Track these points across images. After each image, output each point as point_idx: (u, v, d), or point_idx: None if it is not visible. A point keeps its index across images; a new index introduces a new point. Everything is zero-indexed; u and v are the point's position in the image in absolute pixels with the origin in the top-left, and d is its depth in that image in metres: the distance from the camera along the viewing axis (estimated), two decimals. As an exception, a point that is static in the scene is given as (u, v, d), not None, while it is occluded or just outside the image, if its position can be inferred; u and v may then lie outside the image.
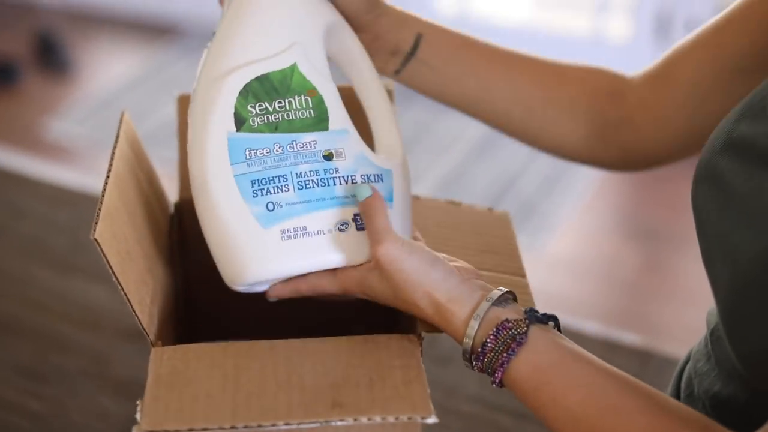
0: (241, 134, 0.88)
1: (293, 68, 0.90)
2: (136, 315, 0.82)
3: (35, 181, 1.80)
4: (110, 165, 0.88)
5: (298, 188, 0.87)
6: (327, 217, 0.87)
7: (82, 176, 1.86)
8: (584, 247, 2.76)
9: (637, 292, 2.62)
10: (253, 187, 0.87)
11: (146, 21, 3.79)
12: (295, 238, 0.86)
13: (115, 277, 0.80)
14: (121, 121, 0.94)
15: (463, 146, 3.05)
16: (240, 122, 0.88)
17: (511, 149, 3.07)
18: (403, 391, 0.78)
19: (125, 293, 0.81)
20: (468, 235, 0.97)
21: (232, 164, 0.87)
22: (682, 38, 0.99)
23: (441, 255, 0.86)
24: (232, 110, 0.88)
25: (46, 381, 1.35)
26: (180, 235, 1.06)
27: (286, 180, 0.87)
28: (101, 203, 0.82)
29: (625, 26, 3.30)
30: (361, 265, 0.87)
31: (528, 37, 3.39)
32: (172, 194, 1.08)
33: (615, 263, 2.70)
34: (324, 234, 0.87)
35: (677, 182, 2.37)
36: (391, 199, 0.90)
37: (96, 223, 0.79)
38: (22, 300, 1.50)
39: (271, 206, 0.86)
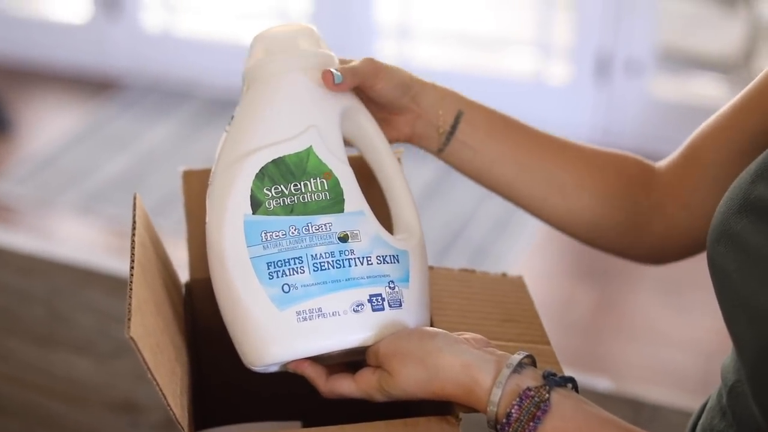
0: (258, 217, 0.88)
1: (309, 151, 0.91)
2: (171, 409, 0.81)
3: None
4: (132, 253, 0.86)
5: (314, 270, 0.87)
6: (342, 299, 0.87)
7: (48, 244, 1.83)
8: (537, 289, 2.78)
9: (593, 331, 2.64)
10: (269, 269, 0.87)
11: (86, 76, 3.76)
12: (311, 319, 0.86)
13: (151, 373, 0.79)
14: (134, 206, 0.93)
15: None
16: (256, 205, 0.89)
17: (458, 195, 3.09)
18: (450, 474, 0.78)
19: (160, 388, 0.80)
20: (486, 304, 0.97)
21: (248, 246, 0.88)
22: (622, 80, 1.00)
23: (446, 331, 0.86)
24: (249, 193, 0.89)
25: (35, 461, 1.33)
26: (192, 315, 1.05)
27: (302, 262, 0.87)
28: (130, 296, 0.81)
29: (565, 68, 3.34)
30: (375, 369, 0.87)
31: (469, 81, 3.42)
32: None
33: (569, 303, 2.72)
34: (339, 315, 0.87)
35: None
36: (407, 280, 0.90)
37: (129, 319, 0.78)
38: (4, 376, 1.47)
39: (286, 288, 0.87)
